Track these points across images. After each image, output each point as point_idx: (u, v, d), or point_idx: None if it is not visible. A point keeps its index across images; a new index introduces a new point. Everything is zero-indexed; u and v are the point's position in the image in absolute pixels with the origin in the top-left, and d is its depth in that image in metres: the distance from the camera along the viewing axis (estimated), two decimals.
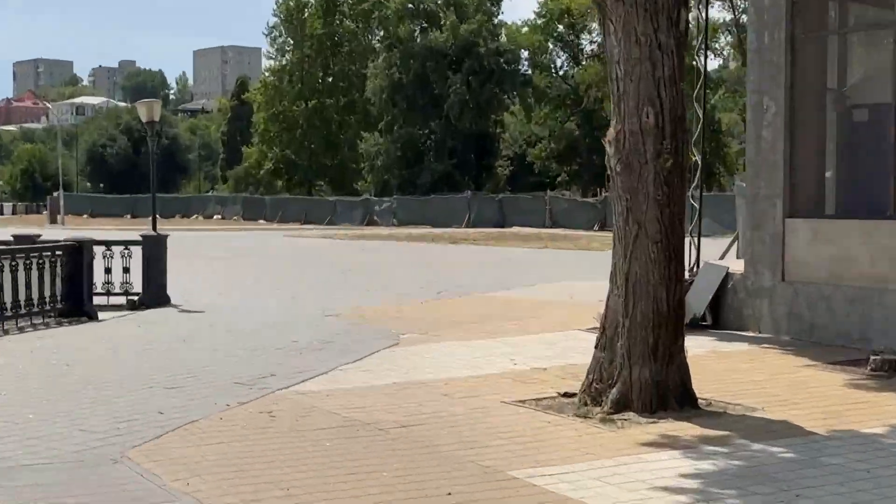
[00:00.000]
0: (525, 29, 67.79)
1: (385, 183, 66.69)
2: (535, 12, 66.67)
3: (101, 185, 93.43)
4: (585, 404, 8.29)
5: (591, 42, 67.26)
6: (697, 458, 6.52)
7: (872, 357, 10.46)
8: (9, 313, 14.04)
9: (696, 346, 12.15)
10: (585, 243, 43.12)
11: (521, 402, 8.80)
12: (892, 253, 11.61)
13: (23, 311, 14.55)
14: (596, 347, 8.61)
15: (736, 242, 27.53)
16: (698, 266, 14.71)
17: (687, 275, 13.97)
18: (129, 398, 9.15)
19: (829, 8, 13.42)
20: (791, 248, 12.91)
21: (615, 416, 7.79)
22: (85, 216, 72.55)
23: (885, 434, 7.19)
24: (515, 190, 62.61)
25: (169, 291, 17.90)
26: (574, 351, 12.10)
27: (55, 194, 74.17)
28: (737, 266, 14.60)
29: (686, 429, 7.38)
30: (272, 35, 73.54)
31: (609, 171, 8.51)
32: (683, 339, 8.41)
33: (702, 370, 9.27)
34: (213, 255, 31.33)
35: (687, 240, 14.18)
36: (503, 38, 66.13)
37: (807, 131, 13.02)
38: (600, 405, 8.08)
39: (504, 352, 12.28)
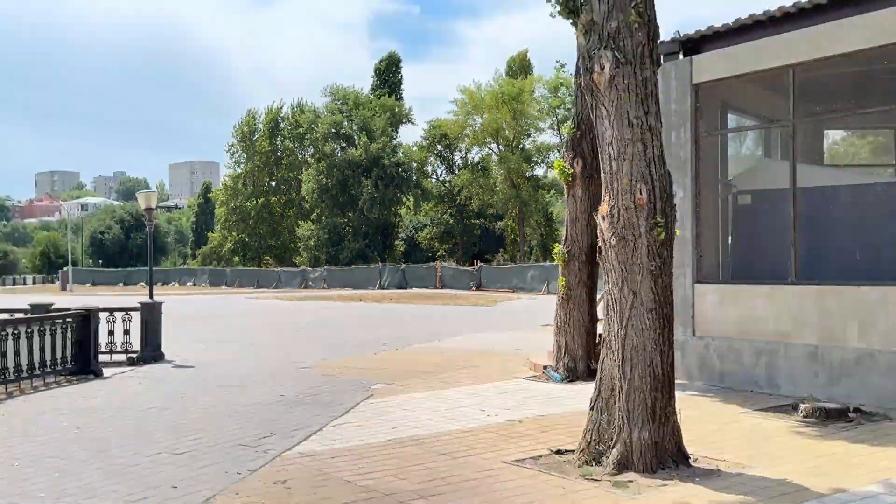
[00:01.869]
0: (415, 147, 79.83)
1: (316, 258, 75.24)
2: (421, 136, 79.80)
3: (101, 261, 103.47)
4: (586, 463, 7.77)
5: (461, 157, 78.76)
6: None
7: (802, 406, 10.26)
8: (24, 374, 13.61)
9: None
10: (474, 300, 43.46)
11: (520, 461, 8.10)
12: (793, 312, 11.79)
13: (37, 371, 13.96)
14: (591, 409, 8.00)
15: (602, 298, 28.29)
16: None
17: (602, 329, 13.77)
18: (140, 468, 8.15)
19: (720, 114, 13.90)
20: (700, 309, 12.81)
21: (620, 478, 7.28)
22: (88, 285, 78.49)
23: (883, 492, 6.82)
24: (409, 262, 70.70)
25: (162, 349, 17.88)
26: (532, 401, 11.77)
27: (65, 269, 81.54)
28: None
29: (702, 494, 6.83)
30: (231, 151, 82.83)
31: (602, 244, 7.98)
32: (675, 401, 7.83)
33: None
34: (194, 315, 30.20)
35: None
36: (400, 154, 77.96)
37: (708, 212, 13.11)
38: (600, 464, 7.65)
39: (470, 403, 11.64)
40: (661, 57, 13.20)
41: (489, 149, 74.56)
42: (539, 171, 73.66)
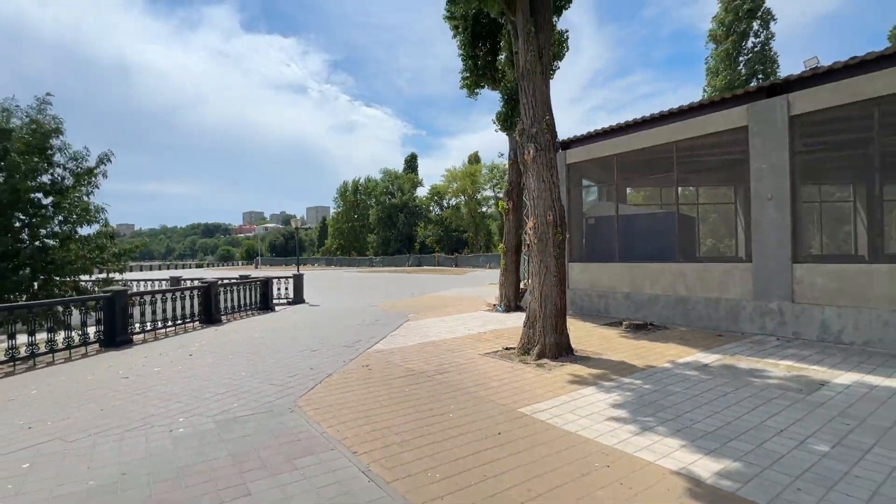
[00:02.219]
0: (424, 198, 76.09)
1: (376, 252, 71.97)
2: (426, 194, 75.72)
3: (273, 254, 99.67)
4: (521, 355, 7.33)
5: (447, 203, 74.20)
6: (606, 392, 5.46)
7: (623, 322, 9.80)
8: (238, 309, 13.09)
9: None
10: (454, 272, 42.72)
11: (487, 354, 7.59)
12: (617, 276, 11.29)
13: (245, 307, 13.52)
14: (524, 327, 7.53)
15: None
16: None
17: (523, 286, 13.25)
18: (294, 359, 7.56)
19: (580, 178, 12.91)
20: (570, 275, 12.23)
21: (539, 362, 6.88)
22: (268, 266, 77.15)
23: (671, 367, 6.35)
24: (422, 254, 66.97)
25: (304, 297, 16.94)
26: (490, 322, 10.98)
27: (257, 258, 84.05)
28: None
29: (583, 370, 6.36)
30: (336, 200, 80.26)
31: (528, 243, 7.47)
32: (566, 322, 7.33)
33: None
34: (318, 280, 28.23)
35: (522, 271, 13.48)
36: (417, 201, 74.60)
37: (574, 227, 12.46)
38: (528, 355, 7.25)
39: (457, 323, 10.95)
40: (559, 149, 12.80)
41: (459, 198, 73.85)
42: (485, 209, 73.22)
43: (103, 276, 12.48)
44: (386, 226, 72.47)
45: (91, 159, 11.83)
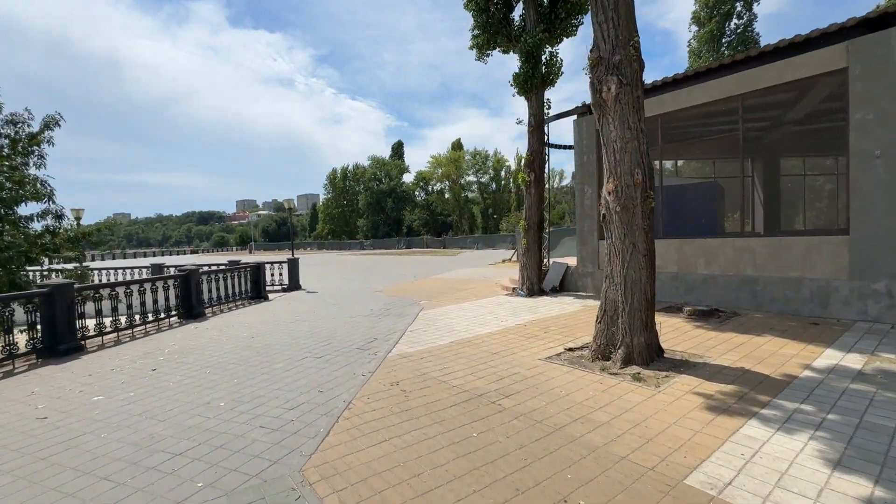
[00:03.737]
0: (410, 183, 72.46)
1: (366, 236, 68.03)
2: (412, 180, 72.24)
3: (266, 240, 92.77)
4: (598, 359, 5.11)
5: (432, 188, 71.73)
6: (784, 431, 3.27)
7: (685, 308, 7.63)
8: (225, 299, 10.60)
9: (569, 304, 9.07)
10: (444, 254, 39.88)
11: (549, 359, 5.30)
12: (663, 254, 9.13)
13: (233, 297, 10.93)
14: (598, 322, 5.24)
15: (515, 252, 26.04)
16: (548, 263, 11.35)
17: (544, 267, 11.10)
18: (293, 373, 5.25)
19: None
20: (602, 254, 9.91)
21: (630, 370, 4.70)
22: (262, 251, 70.95)
23: (817, 375, 4.21)
24: (409, 236, 63.54)
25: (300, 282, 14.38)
26: (520, 309, 8.65)
27: (250, 243, 76.67)
28: (569, 262, 11.42)
29: (702, 384, 4.15)
30: (325, 187, 75.88)
31: (606, 212, 5.18)
32: (654, 315, 5.15)
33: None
34: (312, 264, 25.86)
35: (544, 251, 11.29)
36: (404, 187, 70.48)
37: (602, 201, 10.07)
38: (608, 359, 5.07)
39: (483, 312, 8.62)
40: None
41: (444, 183, 71.12)
42: (468, 194, 70.72)
43: (64, 266, 9.78)
44: (375, 210, 69.12)
45: (35, 124, 9.04)
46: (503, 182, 72.89)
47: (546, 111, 10.66)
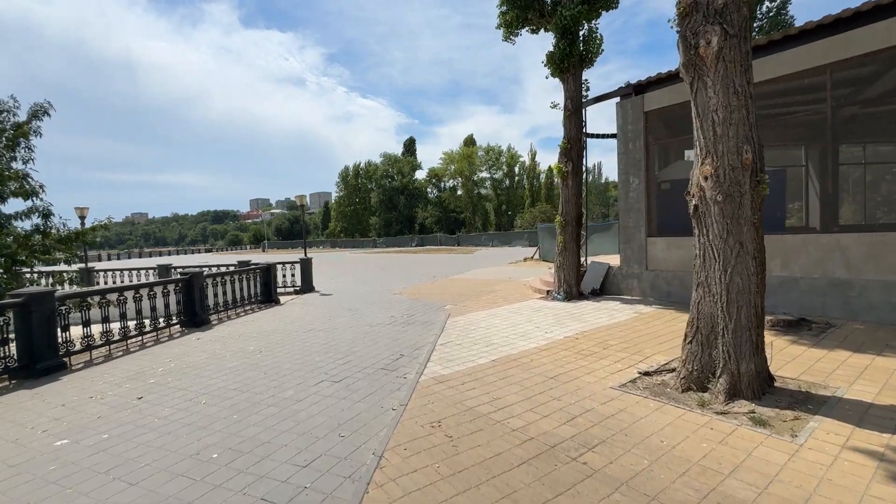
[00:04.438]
0: (423, 180, 71.31)
1: (378, 234, 66.76)
2: (425, 177, 70.88)
3: (279, 238, 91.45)
4: (691, 389, 4.01)
5: (444, 184, 70.74)
6: None
7: (768, 318, 6.25)
8: (232, 305, 9.67)
9: (617, 311, 7.95)
10: (459, 252, 38.54)
11: (623, 386, 4.21)
12: None
13: (241, 302, 9.96)
14: (689, 343, 4.10)
15: (537, 250, 24.70)
16: (586, 264, 10.22)
17: (583, 268, 9.97)
18: (307, 404, 4.32)
19: (662, 126, 9.31)
20: (650, 252, 8.91)
21: (739, 406, 3.56)
22: (275, 249, 70.34)
23: None
24: (422, 234, 61.49)
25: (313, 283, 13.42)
26: (563, 318, 7.53)
27: (264, 241, 78.05)
28: (611, 262, 10.27)
29: (855, 434, 3.00)
30: (338, 185, 75.40)
31: (697, 203, 4.06)
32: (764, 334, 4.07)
33: (670, 332, 5.01)
34: (325, 263, 25.35)
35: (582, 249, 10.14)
36: (416, 184, 69.39)
37: (650, 193, 9.03)
38: (704, 390, 3.97)
39: (521, 320, 7.57)
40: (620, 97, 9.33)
41: (457, 180, 69.91)
42: (481, 191, 69.38)
43: (67, 268, 8.94)
44: (387, 208, 68.16)
45: (22, 113, 8.18)
46: (517, 178, 71.46)
47: (584, 94, 9.52)
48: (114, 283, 15.98)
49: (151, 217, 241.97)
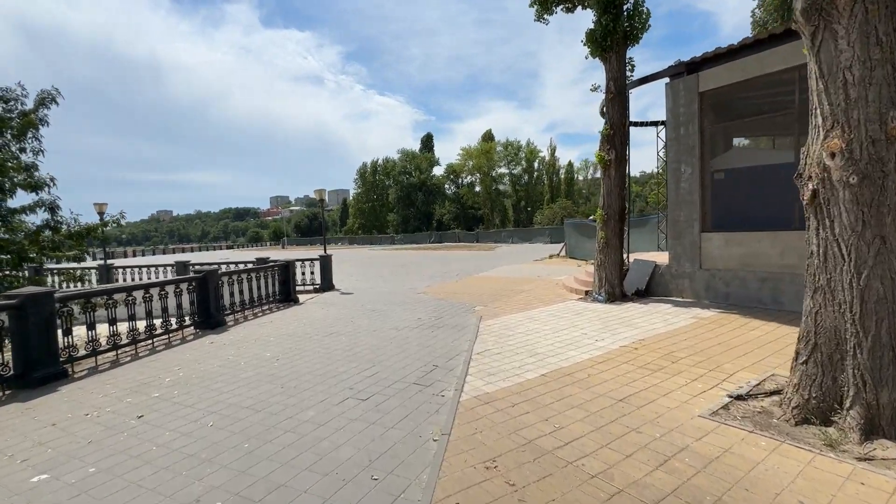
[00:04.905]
0: (441, 176, 70.26)
1: (396, 230, 65.91)
2: (443, 173, 70.05)
3: (298, 235, 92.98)
4: (808, 421, 3.17)
5: (462, 180, 69.87)
6: None
7: None
8: (249, 304, 9.09)
9: (671, 315, 7.07)
10: (479, 249, 37.25)
11: (715, 414, 3.40)
12: (793, 251, 7.04)
13: (259, 301, 9.41)
14: (804, 363, 3.26)
15: (564, 247, 23.65)
16: (628, 261, 9.32)
17: (626, 266, 9.06)
18: (330, 429, 3.68)
19: (720, 109, 8.39)
20: (705, 249, 7.99)
21: (876, 451, 2.59)
22: (294, 246, 69.04)
23: None
24: (440, 230, 60.74)
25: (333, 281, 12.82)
26: (611, 321, 6.74)
27: (283, 238, 78.48)
28: (657, 259, 9.35)
29: None
30: (355, 182, 74.82)
31: (817, 186, 3.21)
32: None
33: (744, 342, 4.24)
34: (344, 261, 24.56)
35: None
36: (434, 180, 68.55)
37: (705, 184, 8.09)
38: (827, 424, 3.13)
39: (564, 325, 6.76)
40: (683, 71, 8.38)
41: (475, 176, 68.87)
42: (501, 187, 68.24)
43: (86, 265, 8.55)
44: (405, 205, 67.30)
45: (30, 102, 7.73)
46: (536, 174, 70.10)
47: (629, 75, 8.63)
48: (132, 280, 15.75)
49: (176, 214, 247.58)
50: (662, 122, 12.29)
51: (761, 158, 8.35)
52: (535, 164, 68.25)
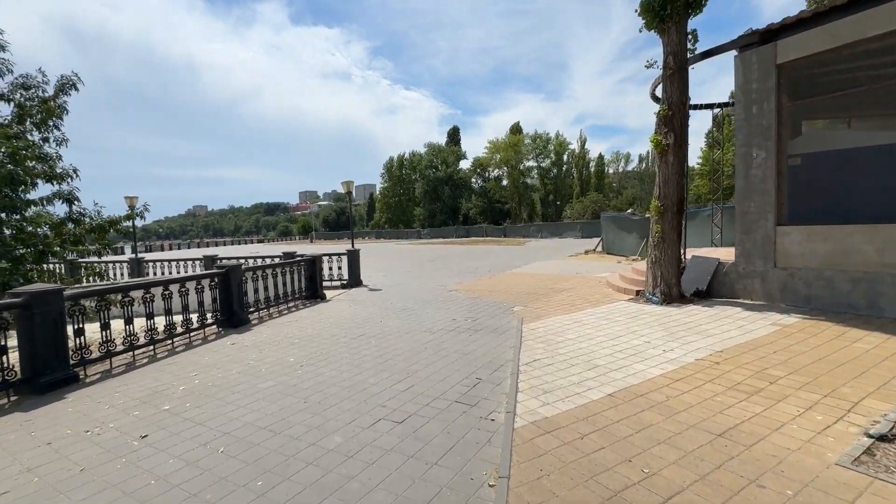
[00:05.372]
0: (468, 169, 68.85)
1: (423, 224, 65.24)
2: (469, 168, 68.56)
3: (326, 229, 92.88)
4: None
5: (489, 174, 68.31)
6: None
7: None
8: (274, 301, 8.64)
9: (746, 321, 6.13)
10: (508, 243, 35.87)
11: (857, 462, 2.53)
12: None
13: (284, 298, 8.94)
14: None
15: (601, 242, 22.41)
16: (685, 258, 8.34)
17: (683, 263, 8.07)
18: (360, 463, 3.12)
19: (801, 83, 7.23)
20: (781, 245, 6.94)
21: None
22: (322, 240, 69.39)
23: None
24: (466, 225, 59.65)
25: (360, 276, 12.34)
26: (675, 328, 5.86)
27: (312, 233, 79.67)
28: (720, 256, 8.33)
29: None
30: (382, 176, 74.57)
31: None
32: None
33: (852, 357, 3.72)
34: (371, 255, 24.04)
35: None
36: (461, 174, 67.27)
37: (782, 171, 7.05)
38: None
39: (620, 330, 5.95)
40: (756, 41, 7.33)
41: (502, 169, 67.47)
42: (528, 181, 66.67)
43: (116, 257, 8.31)
44: (431, 199, 66.48)
45: (50, 88, 7.42)
46: (565, 167, 68.13)
47: (690, 48, 7.63)
48: (161, 274, 15.76)
49: (211, 209, 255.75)
50: (722, 104, 11.14)
51: (850, 141, 7.22)
52: (565, 157, 66.34)
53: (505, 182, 69.40)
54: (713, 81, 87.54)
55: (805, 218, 6.86)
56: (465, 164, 71.44)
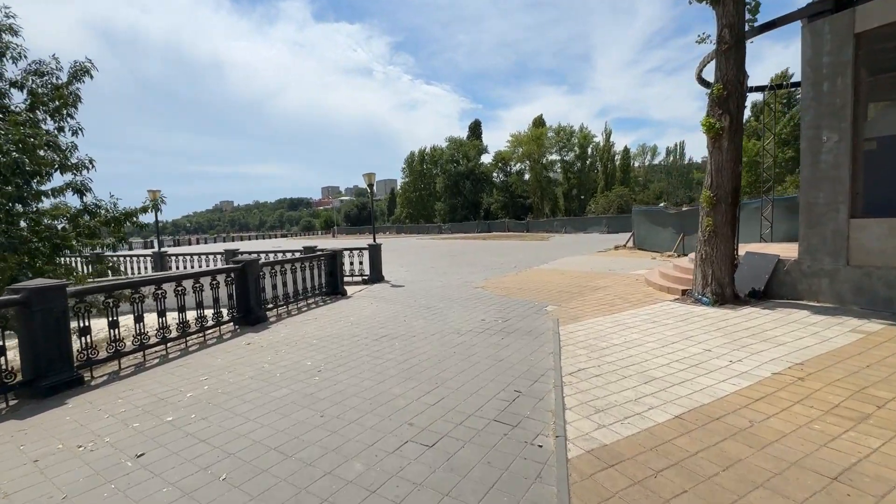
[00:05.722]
0: (489, 164, 67.89)
1: (444, 219, 65.03)
2: (490, 162, 67.70)
3: (348, 223, 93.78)
4: None
5: (511, 168, 66.73)
6: None
7: None
8: (293, 297, 8.29)
9: (819, 327, 5.36)
10: (532, 238, 34.86)
11: None
12: None
13: (304, 294, 8.61)
14: None
15: (632, 237, 21.39)
16: (737, 254, 7.49)
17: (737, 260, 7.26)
18: (385, 501, 2.61)
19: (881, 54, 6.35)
20: (855, 241, 6.12)
21: None
22: (344, 235, 69.43)
23: None
24: (487, 220, 59.36)
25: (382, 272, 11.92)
26: (737, 334, 5.17)
27: (334, 227, 77.76)
28: (779, 252, 7.49)
29: None
30: (403, 171, 73.81)
31: None
32: None
33: None
34: (392, 250, 23.57)
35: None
36: (482, 168, 66.55)
37: (858, 156, 6.21)
38: None
39: (672, 335, 5.30)
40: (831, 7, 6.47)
41: (524, 163, 66.11)
42: (552, 175, 65.22)
43: (140, 252, 8.05)
44: (452, 193, 65.71)
45: (63, 76, 7.18)
46: (589, 161, 66.31)
47: (749, 19, 6.81)
48: (183, 268, 15.74)
49: (236, 205, 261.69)
50: (782, 85, 10.14)
51: None
52: (589, 150, 64.51)
53: (527, 176, 68.05)
54: (749, 65, 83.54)
55: (885, 210, 6.01)
56: (486, 159, 70.36)
